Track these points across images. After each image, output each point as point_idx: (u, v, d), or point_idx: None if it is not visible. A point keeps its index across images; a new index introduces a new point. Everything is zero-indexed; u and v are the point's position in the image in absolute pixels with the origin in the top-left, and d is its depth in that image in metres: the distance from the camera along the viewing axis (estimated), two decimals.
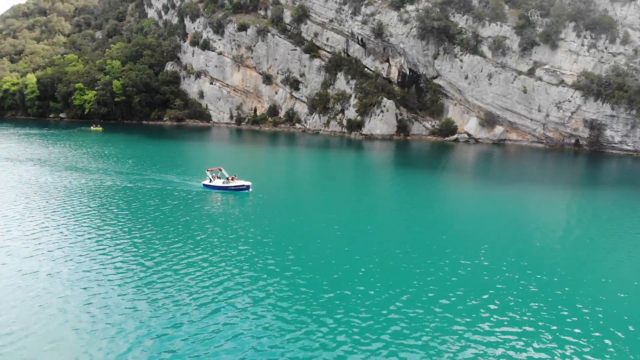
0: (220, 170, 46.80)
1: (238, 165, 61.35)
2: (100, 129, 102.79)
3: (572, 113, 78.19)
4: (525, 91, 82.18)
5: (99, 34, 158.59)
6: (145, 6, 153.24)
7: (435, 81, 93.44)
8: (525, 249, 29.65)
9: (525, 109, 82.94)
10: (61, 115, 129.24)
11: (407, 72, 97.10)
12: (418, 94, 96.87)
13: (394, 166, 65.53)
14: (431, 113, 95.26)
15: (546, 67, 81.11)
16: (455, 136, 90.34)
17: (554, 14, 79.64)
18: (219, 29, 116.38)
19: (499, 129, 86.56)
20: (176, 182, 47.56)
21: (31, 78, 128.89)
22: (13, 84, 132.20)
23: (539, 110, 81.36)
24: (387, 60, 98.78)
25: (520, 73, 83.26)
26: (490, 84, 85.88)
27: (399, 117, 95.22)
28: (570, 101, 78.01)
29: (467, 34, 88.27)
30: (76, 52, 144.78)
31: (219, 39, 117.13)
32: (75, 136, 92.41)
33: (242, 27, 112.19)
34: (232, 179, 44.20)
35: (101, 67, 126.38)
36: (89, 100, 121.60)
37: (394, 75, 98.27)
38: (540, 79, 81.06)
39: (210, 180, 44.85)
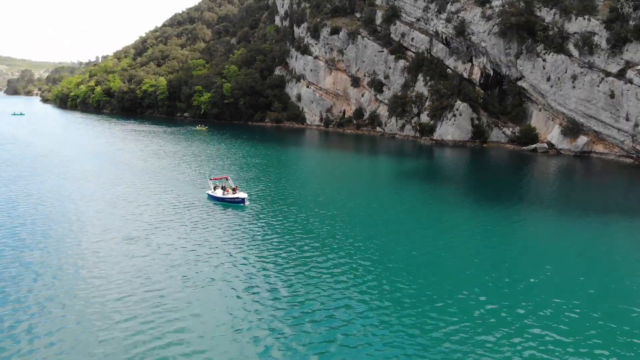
0: (227, 179, 46.47)
1: (285, 170, 64.25)
2: (204, 128, 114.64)
3: None
4: (612, 96, 71.60)
5: (233, 41, 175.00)
6: (275, 14, 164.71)
7: (519, 83, 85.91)
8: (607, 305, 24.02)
9: (612, 116, 72.22)
10: (185, 114, 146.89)
11: (491, 73, 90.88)
12: (501, 97, 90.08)
13: (454, 183, 59.38)
14: (512, 118, 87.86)
15: (638, 67, 69.62)
16: (533, 146, 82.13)
17: None
18: (315, 33, 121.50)
19: (582, 140, 76.57)
20: (184, 189, 48.41)
21: (162, 80, 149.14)
22: (151, 86, 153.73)
23: (627, 119, 70.28)
24: (470, 60, 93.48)
25: (608, 74, 72.73)
26: (574, 86, 76.44)
27: (475, 122, 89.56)
28: None
29: (554, 29, 79.55)
30: (207, 57, 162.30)
31: (316, 43, 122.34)
32: (177, 134, 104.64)
33: (335, 31, 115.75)
34: (234, 191, 43.16)
35: (220, 71, 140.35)
36: (204, 102, 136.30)
37: (476, 76, 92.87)
38: (630, 81, 69.94)
39: (213, 190, 44.38)
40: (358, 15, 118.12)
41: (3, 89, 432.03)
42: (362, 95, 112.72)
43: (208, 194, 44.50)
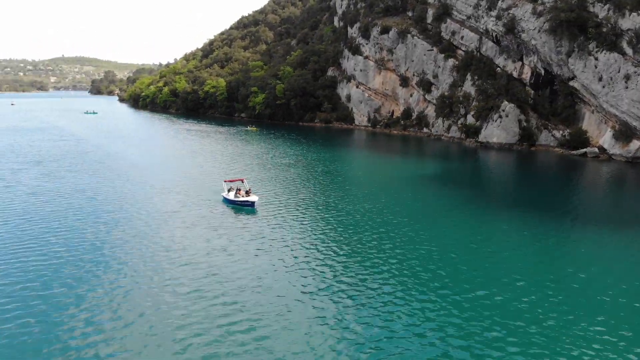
0: (242, 181, 46.07)
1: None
2: (254, 129, 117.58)
3: None
4: None
5: (293, 42, 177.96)
6: (334, 15, 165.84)
7: (571, 83, 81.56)
8: None
9: None
10: (242, 114, 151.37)
11: (542, 73, 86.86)
12: (552, 97, 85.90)
13: (498, 191, 55.83)
14: (563, 120, 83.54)
15: None
16: (583, 150, 77.67)
17: None
18: (365, 33, 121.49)
19: (635, 144, 71.58)
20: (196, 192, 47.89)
21: (221, 82, 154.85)
22: (212, 87, 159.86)
23: None
24: (521, 59, 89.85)
25: None
26: (627, 87, 71.62)
27: (524, 123, 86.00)
28: None
29: (607, 26, 74.89)
30: (267, 59, 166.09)
31: (366, 43, 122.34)
32: (226, 134, 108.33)
33: (385, 30, 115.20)
34: (247, 194, 42.91)
35: (275, 73, 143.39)
36: (259, 103, 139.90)
37: (526, 75, 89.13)
38: None
39: (227, 192, 44.51)
40: (410, 14, 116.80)
41: (88, 89, 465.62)
42: (411, 95, 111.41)
43: (223, 196, 44.62)
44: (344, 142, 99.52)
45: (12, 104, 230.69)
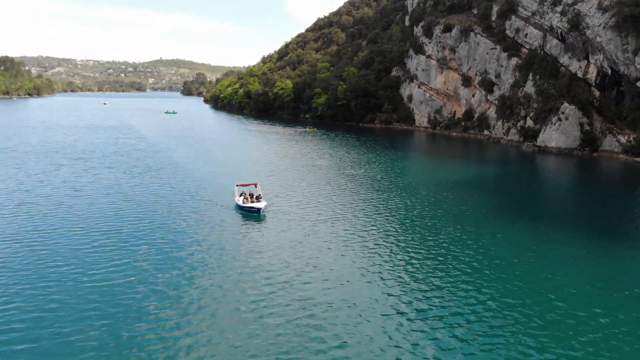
0: (255, 186, 43.99)
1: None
2: (312, 130, 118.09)
3: None
4: None
5: (364, 43, 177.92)
6: (405, 14, 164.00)
7: (639, 84, 75.36)
8: None
9: None
10: (306, 115, 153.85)
11: (608, 72, 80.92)
12: (618, 99, 79.77)
13: (553, 207, 49.22)
14: (629, 124, 77.32)
15: None
16: None
17: None
18: (428, 31, 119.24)
19: None
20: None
21: (288, 83, 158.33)
22: (281, 89, 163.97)
23: None
24: (587, 58, 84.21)
25: None
26: None
27: (586, 127, 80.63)
28: None
29: None
30: (336, 60, 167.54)
31: (429, 42, 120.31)
32: (281, 135, 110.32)
33: (447, 29, 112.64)
34: (257, 199, 41.32)
35: (340, 74, 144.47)
36: (321, 104, 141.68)
37: (592, 75, 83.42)
38: None
39: (238, 197, 42.62)
40: (475, 11, 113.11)
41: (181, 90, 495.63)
42: (473, 96, 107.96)
43: (235, 201, 42.74)
44: (396, 144, 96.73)
45: (104, 104, 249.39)
